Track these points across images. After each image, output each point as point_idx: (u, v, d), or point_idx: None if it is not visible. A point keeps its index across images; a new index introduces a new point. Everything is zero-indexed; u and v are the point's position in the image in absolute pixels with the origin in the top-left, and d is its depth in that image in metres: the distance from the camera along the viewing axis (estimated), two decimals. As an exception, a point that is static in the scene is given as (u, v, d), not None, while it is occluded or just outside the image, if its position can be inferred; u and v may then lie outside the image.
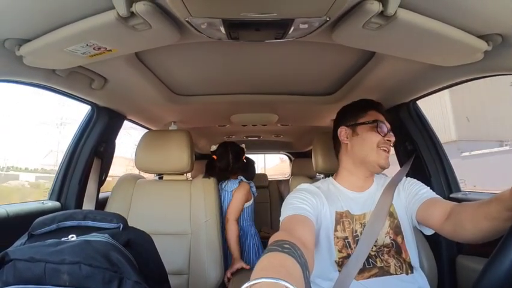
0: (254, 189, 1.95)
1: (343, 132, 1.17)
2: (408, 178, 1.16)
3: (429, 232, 1.05)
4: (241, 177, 1.91)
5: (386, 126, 1.10)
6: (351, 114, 1.18)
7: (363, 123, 1.13)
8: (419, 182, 1.13)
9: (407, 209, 1.07)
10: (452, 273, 1.38)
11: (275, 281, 0.47)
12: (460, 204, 0.93)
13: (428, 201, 1.02)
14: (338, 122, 1.22)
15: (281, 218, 0.96)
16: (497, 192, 0.81)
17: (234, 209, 1.75)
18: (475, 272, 1.18)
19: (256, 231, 1.97)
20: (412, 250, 1.04)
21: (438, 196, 1.05)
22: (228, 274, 1.47)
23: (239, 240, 1.69)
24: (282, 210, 1.00)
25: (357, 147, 1.13)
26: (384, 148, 1.09)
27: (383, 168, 1.10)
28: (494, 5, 0.77)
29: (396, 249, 1.01)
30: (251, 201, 1.91)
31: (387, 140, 1.09)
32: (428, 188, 1.09)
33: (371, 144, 1.09)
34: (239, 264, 1.48)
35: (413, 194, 1.07)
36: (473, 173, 8.78)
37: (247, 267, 1.47)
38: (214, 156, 1.93)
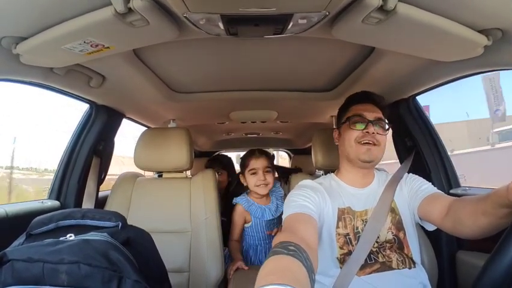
0: (247, 205, 1.76)
1: (335, 135, 1.21)
2: (410, 174, 1.16)
3: (431, 228, 1.05)
4: (235, 201, 1.82)
5: (365, 119, 1.08)
6: (339, 115, 1.21)
7: (344, 122, 1.14)
8: (421, 177, 1.13)
9: (409, 205, 1.07)
10: (453, 269, 1.38)
11: (283, 287, 0.47)
12: (458, 199, 0.93)
13: (429, 196, 1.02)
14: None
15: (284, 216, 0.96)
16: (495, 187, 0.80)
17: (231, 230, 1.76)
18: (475, 268, 1.19)
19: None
20: (414, 245, 1.04)
21: (440, 191, 1.05)
22: (231, 272, 1.47)
23: (238, 250, 1.69)
24: (284, 208, 1.00)
25: (341, 148, 1.16)
26: (365, 141, 1.06)
27: (366, 162, 1.07)
28: None
29: (399, 244, 1.02)
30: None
31: (366, 132, 1.06)
32: (430, 183, 1.09)
33: (349, 142, 1.10)
34: (239, 263, 1.48)
35: (415, 190, 1.07)
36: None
37: (246, 268, 1.47)
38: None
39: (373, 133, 1.06)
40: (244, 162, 1.78)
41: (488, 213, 0.79)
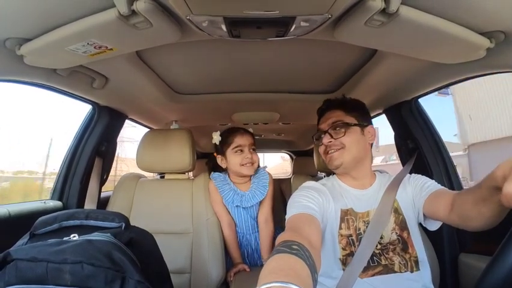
0: (220, 184, 1.56)
1: None
2: (413, 174, 1.16)
3: (434, 227, 1.05)
4: (211, 176, 1.63)
5: (321, 131, 1.15)
6: None
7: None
8: (424, 176, 1.13)
9: (414, 204, 1.07)
10: (455, 271, 1.38)
11: (285, 285, 0.47)
12: (459, 193, 0.92)
13: (434, 193, 1.01)
14: None
15: (287, 217, 0.96)
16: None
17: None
18: (477, 270, 1.18)
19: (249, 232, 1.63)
20: (419, 245, 1.03)
21: (443, 187, 1.05)
22: (232, 274, 1.46)
23: (237, 251, 1.53)
24: (287, 208, 1.00)
25: None
26: (329, 150, 1.12)
27: (337, 167, 1.11)
28: (496, 1, 0.76)
29: (403, 245, 1.01)
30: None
31: (324, 145, 1.12)
32: (433, 181, 1.09)
33: (321, 156, 1.17)
34: (241, 265, 1.47)
35: (419, 188, 1.07)
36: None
37: (248, 270, 1.46)
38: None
39: (329, 142, 1.11)
40: (226, 139, 1.56)
41: (487, 200, 0.76)
